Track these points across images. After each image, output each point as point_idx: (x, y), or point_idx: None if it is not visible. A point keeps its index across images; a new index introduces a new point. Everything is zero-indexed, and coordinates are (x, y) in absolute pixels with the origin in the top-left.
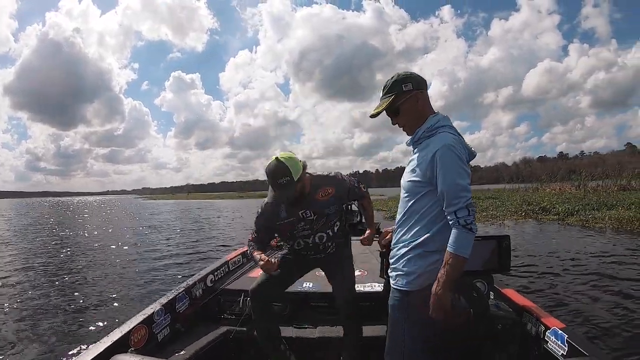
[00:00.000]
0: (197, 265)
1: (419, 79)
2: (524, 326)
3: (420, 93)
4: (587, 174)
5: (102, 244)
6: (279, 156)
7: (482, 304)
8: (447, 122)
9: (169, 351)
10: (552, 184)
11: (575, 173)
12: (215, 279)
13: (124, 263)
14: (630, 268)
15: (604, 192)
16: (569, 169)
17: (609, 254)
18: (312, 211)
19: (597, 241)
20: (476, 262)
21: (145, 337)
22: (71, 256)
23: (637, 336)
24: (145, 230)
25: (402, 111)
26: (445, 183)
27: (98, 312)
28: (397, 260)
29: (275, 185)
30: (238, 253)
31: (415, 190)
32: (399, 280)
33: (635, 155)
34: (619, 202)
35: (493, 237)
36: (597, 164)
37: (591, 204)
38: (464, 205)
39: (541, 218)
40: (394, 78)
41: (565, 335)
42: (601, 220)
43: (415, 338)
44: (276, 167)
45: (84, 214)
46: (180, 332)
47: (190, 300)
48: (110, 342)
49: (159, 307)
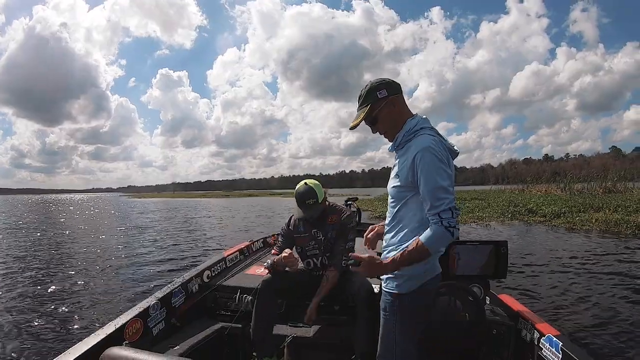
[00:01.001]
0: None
1: (393, 83)
2: (518, 332)
3: (395, 98)
4: (572, 176)
5: (86, 243)
6: (307, 182)
7: (478, 309)
8: (426, 123)
9: (163, 345)
10: (538, 185)
11: (560, 175)
12: (211, 274)
13: (108, 265)
14: (618, 271)
15: (589, 194)
16: (554, 171)
17: (596, 256)
18: (321, 232)
19: (585, 243)
20: (473, 266)
21: (140, 330)
22: (53, 257)
23: (630, 344)
24: (133, 231)
25: (380, 119)
26: (427, 186)
27: (86, 309)
28: None
29: (303, 205)
30: (236, 249)
31: (400, 196)
32: (389, 283)
33: (619, 158)
34: (604, 204)
35: (491, 242)
36: (582, 166)
37: (577, 205)
38: (447, 208)
39: (528, 220)
40: (368, 87)
41: (560, 343)
42: (588, 222)
43: (407, 341)
44: (305, 190)
45: (70, 212)
46: (176, 326)
47: (186, 295)
48: (104, 334)
49: (154, 301)
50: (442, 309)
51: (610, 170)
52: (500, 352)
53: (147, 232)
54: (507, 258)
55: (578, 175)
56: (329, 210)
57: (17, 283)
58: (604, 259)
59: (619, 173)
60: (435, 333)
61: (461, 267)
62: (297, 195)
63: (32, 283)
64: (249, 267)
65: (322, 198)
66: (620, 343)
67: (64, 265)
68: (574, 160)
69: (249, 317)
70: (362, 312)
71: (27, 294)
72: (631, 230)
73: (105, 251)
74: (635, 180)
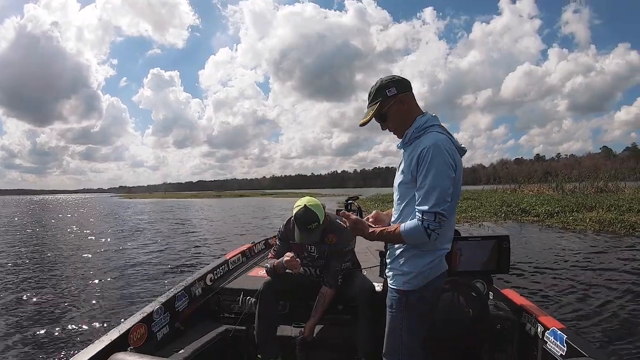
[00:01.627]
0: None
1: (403, 81)
2: (522, 326)
3: (405, 96)
4: (564, 176)
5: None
6: (307, 204)
7: (481, 304)
8: (436, 121)
9: (168, 350)
10: (530, 185)
11: (551, 175)
12: (214, 277)
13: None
14: (617, 269)
15: (581, 193)
16: (545, 170)
17: (593, 254)
18: (316, 249)
19: (579, 242)
20: (476, 262)
21: (144, 335)
22: (43, 261)
23: (635, 337)
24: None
25: (389, 116)
26: (424, 181)
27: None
28: (393, 260)
29: (305, 229)
30: (238, 252)
31: (405, 192)
32: (396, 280)
33: (610, 158)
34: (597, 203)
35: (493, 237)
36: (573, 166)
37: (570, 205)
38: (431, 210)
39: (521, 219)
40: (377, 85)
41: (564, 336)
42: (582, 222)
43: (413, 337)
44: (307, 214)
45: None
46: (180, 330)
47: (190, 299)
48: (109, 340)
49: (158, 306)
50: (446, 305)
51: (601, 170)
52: (505, 347)
53: (139, 233)
54: (510, 253)
55: (569, 175)
56: (329, 228)
57: (11, 288)
58: (601, 257)
59: (610, 173)
60: (439, 330)
61: (463, 263)
62: (298, 220)
63: (28, 288)
64: (251, 269)
65: (323, 217)
66: (628, 340)
67: (64, 267)
68: (565, 160)
69: (252, 319)
70: (364, 311)
71: (24, 299)
72: (625, 229)
73: (96, 255)
74: (626, 180)
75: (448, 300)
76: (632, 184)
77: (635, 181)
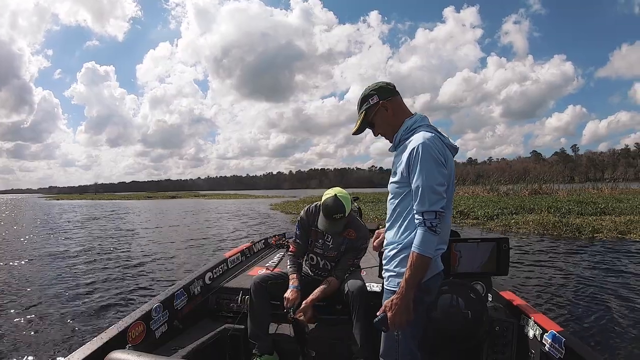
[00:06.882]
0: None
1: (384, 88)
2: (521, 328)
3: (387, 102)
4: (496, 179)
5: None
6: (337, 194)
7: (480, 306)
8: (424, 121)
9: (166, 348)
10: (464, 187)
11: (483, 177)
12: (213, 276)
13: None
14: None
15: (516, 196)
16: (477, 173)
17: (553, 257)
18: (333, 241)
19: (529, 247)
20: (474, 264)
21: (143, 333)
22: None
23: (633, 341)
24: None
25: (376, 123)
26: (417, 182)
27: None
28: (388, 262)
29: (330, 218)
30: (237, 251)
31: (398, 192)
32: (392, 281)
33: (539, 162)
34: (535, 205)
35: (492, 239)
36: (504, 169)
37: (508, 207)
38: (431, 209)
39: (460, 223)
40: (362, 94)
41: (563, 339)
42: (524, 224)
43: (410, 338)
44: (336, 205)
45: None
46: (178, 329)
47: (189, 297)
48: (107, 338)
49: (156, 304)
50: (445, 307)
51: (530, 173)
52: (503, 349)
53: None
54: (509, 255)
55: (500, 178)
56: (350, 223)
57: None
58: (556, 259)
59: (544, 176)
60: (438, 331)
61: (463, 264)
62: (326, 208)
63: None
64: (250, 268)
65: (349, 211)
66: (626, 344)
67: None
68: (496, 164)
69: None
70: (355, 310)
71: (22, 296)
72: (572, 232)
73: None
74: (558, 182)
75: (447, 302)
76: (565, 187)
77: (566, 184)
